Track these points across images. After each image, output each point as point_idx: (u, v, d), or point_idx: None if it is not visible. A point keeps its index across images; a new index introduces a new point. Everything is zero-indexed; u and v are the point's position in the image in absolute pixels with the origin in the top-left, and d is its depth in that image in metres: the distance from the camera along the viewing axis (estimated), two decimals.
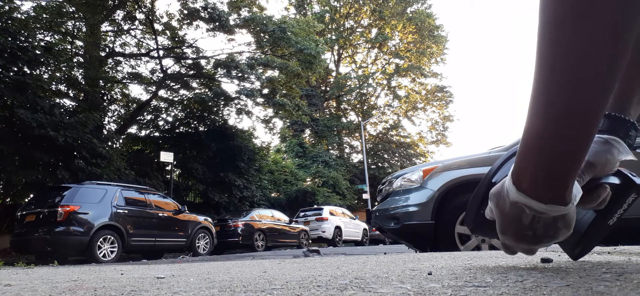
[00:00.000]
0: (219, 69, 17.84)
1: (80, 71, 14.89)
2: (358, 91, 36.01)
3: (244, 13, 17.41)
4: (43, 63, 12.15)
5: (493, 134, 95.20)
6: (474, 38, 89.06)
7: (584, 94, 0.59)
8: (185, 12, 16.78)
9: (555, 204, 0.69)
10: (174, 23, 17.43)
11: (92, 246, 8.16)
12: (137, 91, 73.30)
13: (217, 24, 16.72)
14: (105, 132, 15.00)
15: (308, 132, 32.58)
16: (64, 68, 13.83)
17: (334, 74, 36.38)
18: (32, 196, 10.78)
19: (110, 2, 15.46)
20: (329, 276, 1.17)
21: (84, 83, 14.74)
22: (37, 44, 11.90)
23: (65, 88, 14.70)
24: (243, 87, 18.18)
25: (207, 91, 18.73)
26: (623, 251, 2.02)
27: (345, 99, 36.96)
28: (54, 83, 13.67)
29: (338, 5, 35.46)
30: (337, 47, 36.34)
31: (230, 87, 21.43)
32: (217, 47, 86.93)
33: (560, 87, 0.60)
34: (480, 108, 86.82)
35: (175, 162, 16.19)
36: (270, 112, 24.61)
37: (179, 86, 18.64)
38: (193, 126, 19.62)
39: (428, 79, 37.79)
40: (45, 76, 12.82)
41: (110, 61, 17.28)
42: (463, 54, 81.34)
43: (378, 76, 37.20)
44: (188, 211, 10.96)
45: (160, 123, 19.50)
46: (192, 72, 18.09)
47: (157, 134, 19.47)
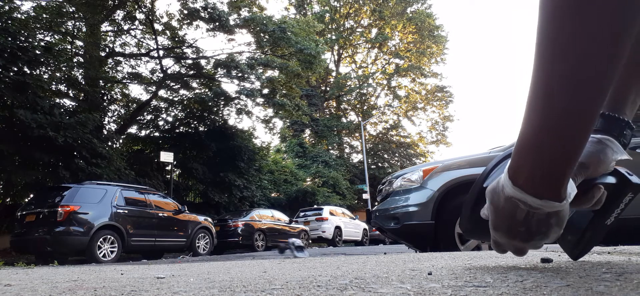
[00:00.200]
0: (219, 69, 17.85)
1: (80, 71, 14.89)
2: (358, 91, 36.00)
3: (244, 13, 17.41)
4: (43, 63, 12.14)
5: (493, 134, 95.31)
6: (474, 38, 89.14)
7: (583, 94, 0.60)
8: (185, 12, 16.79)
9: (551, 200, 0.70)
10: (174, 23, 17.46)
11: (92, 246, 8.16)
12: (137, 91, 73.37)
13: (217, 24, 16.72)
14: (105, 132, 15.00)
15: (308, 132, 32.57)
16: (64, 68, 13.83)
17: (334, 74, 36.38)
18: (32, 196, 10.77)
19: (110, 2, 15.46)
20: (329, 276, 1.17)
21: (84, 83, 14.74)
22: (37, 44, 11.90)
23: (65, 88, 14.70)
24: (243, 87, 18.19)
25: (207, 91, 18.73)
26: (623, 251, 2.02)
27: (345, 99, 36.96)
28: (54, 83, 13.67)
29: (338, 5, 35.45)
30: (337, 47, 36.33)
31: (230, 87, 21.46)
32: (217, 47, 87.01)
33: (559, 86, 0.61)
34: (480, 108, 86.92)
35: (175, 162, 16.19)
36: (270, 112, 24.61)
37: (179, 86, 18.64)
38: (193, 126, 19.63)
39: (428, 79, 37.87)
40: (45, 76, 12.82)
41: (110, 61, 17.28)
42: (463, 54, 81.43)
43: (378, 76, 37.20)
44: (188, 211, 10.96)
45: (160, 123, 19.52)
46: (192, 72, 18.09)
47: (157, 134, 19.48)
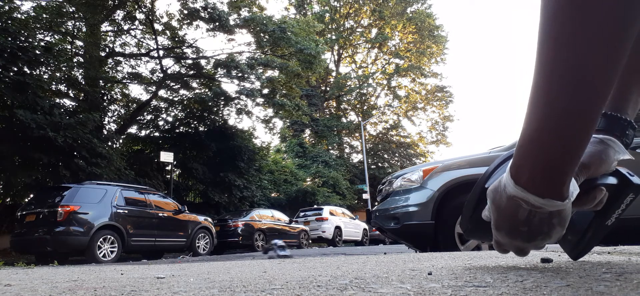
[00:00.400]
0: (219, 69, 17.85)
1: (80, 71, 14.89)
2: (358, 91, 36.00)
3: (244, 13, 17.40)
4: (43, 63, 12.14)
5: (493, 134, 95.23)
6: (474, 38, 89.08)
7: (584, 93, 0.60)
8: (185, 12, 16.79)
9: (553, 199, 0.70)
10: (174, 23, 17.46)
11: (92, 246, 8.16)
12: (137, 91, 73.33)
13: (217, 24, 16.72)
14: (105, 132, 14.99)
15: (308, 132, 32.56)
16: (64, 68, 13.82)
17: (334, 74, 36.37)
18: (32, 196, 10.77)
19: (110, 2, 15.46)
20: (329, 276, 1.17)
21: (84, 83, 14.74)
22: (37, 44, 11.90)
23: (65, 88, 14.70)
24: (243, 87, 18.19)
25: (207, 91, 18.73)
26: (623, 251, 2.02)
27: (345, 99, 36.95)
28: (54, 83, 13.67)
29: (338, 5, 35.45)
30: (337, 47, 36.33)
31: (230, 87, 21.46)
32: (217, 47, 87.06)
33: (561, 85, 0.61)
34: (480, 108, 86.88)
35: (175, 162, 16.20)
36: (270, 112, 24.60)
37: (179, 86, 18.64)
38: (193, 126, 19.63)
39: (428, 79, 37.87)
40: (45, 76, 12.82)
41: (110, 61, 17.28)
42: (463, 54, 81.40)
43: (378, 76, 37.20)
44: (188, 211, 10.96)
45: (160, 123, 19.53)
46: (192, 72, 18.10)
47: (157, 134, 19.48)
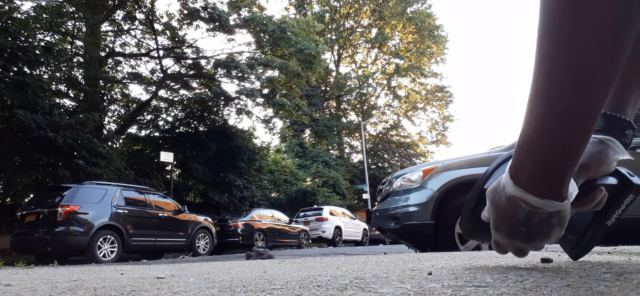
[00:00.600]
0: (219, 69, 17.85)
1: (80, 71, 14.89)
2: (358, 91, 36.00)
3: (244, 13, 17.41)
4: (43, 63, 12.14)
5: (493, 134, 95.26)
6: (474, 38, 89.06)
7: (584, 93, 0.60)
8: (185, 12, 16.79)
9: (552, 200, 0.70)
10: (174, 23, 17.46)
11: (92, 246, 8.16)
12: (137, 91, 73.36)
13: (217, 24, 16.72)
14: (105, 132, 15.00)
15: (308, 132, 32.57)
16: (64, 68, 13.82)
17: (334, 74, 36.37)
18: (32, 196, 10.78)
19: (110, 2, 15.46)
20: (329, 276, 1.17)
21: (84, 83, 14.74)
22: (37, 44, 11.90)
23: (65, 88, 14.70)
24: (243, 87, 18.19)
25: (207, 91, 18.73)
26: (623, 251, 2.02)
27: (345, 99, 36.95)
28: (54, 83, 13.67)
29: (338, 5, 35.45)
30: (337, 47, 36.32)
31: (230, 87, 21.46)
32: (217, 47, 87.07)
33: (560, 85, 0.61)
34: (480, 108, 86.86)
35: (175, 162, 16.19)
36: (270, 112, 24.60)
37: (179, 86, 18.64)
38: (193, 126, 19.63)
39: (428, 79, 37.86)
40: (45, 76, 12.82)
41: (110, 61, 17.28)
42: (463, 54, 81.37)
43: (378, 76, 37.20)
44: (188, 211, 10.96)
45: (160, 123, 19.53)
46: (192, 72, 18.10)
47: (157, 134, 19.48)
